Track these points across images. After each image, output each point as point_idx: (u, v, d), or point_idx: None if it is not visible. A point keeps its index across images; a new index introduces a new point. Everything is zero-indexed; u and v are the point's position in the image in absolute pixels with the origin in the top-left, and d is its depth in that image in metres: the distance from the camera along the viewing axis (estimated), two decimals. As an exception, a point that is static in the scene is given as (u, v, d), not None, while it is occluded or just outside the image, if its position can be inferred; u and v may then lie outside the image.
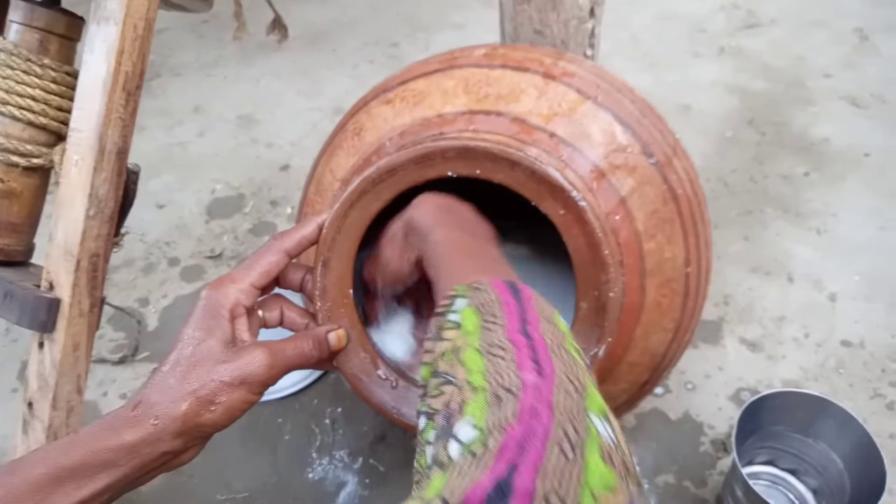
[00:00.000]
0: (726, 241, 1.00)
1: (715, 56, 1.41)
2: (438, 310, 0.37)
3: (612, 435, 0.28)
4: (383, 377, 0.53)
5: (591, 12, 0.72)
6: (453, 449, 0.27)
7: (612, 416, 0.30)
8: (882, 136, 1.17)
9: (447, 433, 0.29)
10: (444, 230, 0.45)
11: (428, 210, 0.47)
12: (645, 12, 1.57)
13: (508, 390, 0.28)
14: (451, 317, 0.36)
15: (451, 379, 0.32)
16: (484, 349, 0.32)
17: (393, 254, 0.48)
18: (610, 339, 0.49)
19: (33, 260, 0.67)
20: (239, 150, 1.24)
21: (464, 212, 0.48)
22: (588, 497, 0.24)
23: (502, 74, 0.57)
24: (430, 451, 0.29)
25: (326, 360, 0.50)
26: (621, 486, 0.26)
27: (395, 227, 0.48)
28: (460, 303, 0.36)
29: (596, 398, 0.30)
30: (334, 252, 0.50)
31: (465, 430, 0.28)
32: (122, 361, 0.86)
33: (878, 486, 0.58)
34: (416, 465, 0.31)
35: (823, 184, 1.09)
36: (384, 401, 0.53)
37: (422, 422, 0.32)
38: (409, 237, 0.47)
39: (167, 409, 0.40)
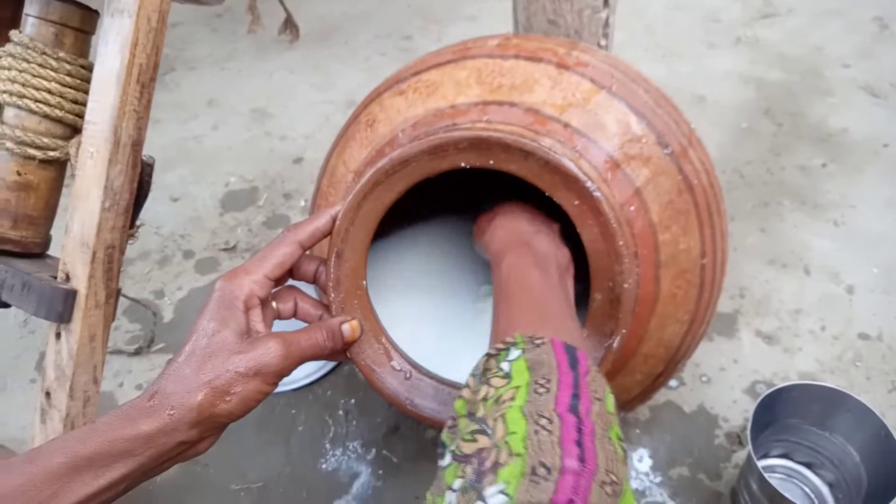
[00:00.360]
0: (742, 233, 0.99)
1: (731, 46, 1.39)
2: (491, 351, 0.37)
3: None
4: (397, 368, 0.53)
5: (606, 2, 0.71)
6: None
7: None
8: (901, 126, 1.15)
9: (476, 491, 0.28)
10: (513, 258, 0.47)
11: (505, 229, 0.49)
12: (660, 2, 1.55)
13: (547, 469, 0.28)
14: (503, 365, 0.35)
15: (487, 431, 0.31)
16: (529, 414, 0.31)
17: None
18: (624, 331, 0.49)
19: (50, 252, 0.68)
20: (252, 143, 1.24)
21: (542, 237, 0.50)
22: None
23: (516, 65, 0.56)
24: (451, 498, 0.29)
25: (340, 352, 0.50)
26: None
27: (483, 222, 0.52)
28: (514, 353, 0.36)
29: (629, 499, 0.30)
30: (348, 243, 0.50)
31: (496, 498, 0.28)
32: (137, 353, 0.87)
33: (896, 480, 0.58)
34: (428, 495, 0.31)
35: (841, 175, 1.07)
36: (397, 392, 0.53)
37: (446, 459, 0.32)
38: (484, 245, 0.50)
39: (183, 400, 0.40)
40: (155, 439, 0.40)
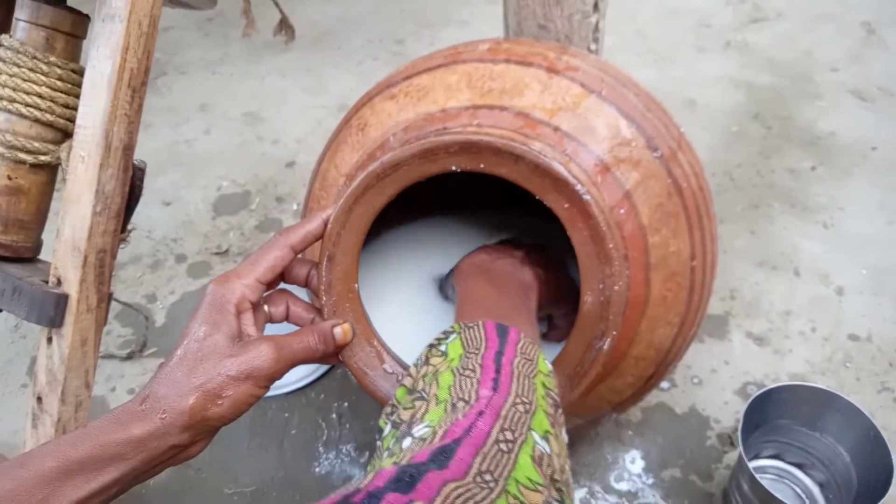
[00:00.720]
0: (732, 235, 0.99)
1: (721, 50, 1.40)
2: (432, 341, 0.42)
3: (548, 450, 0.32)
4: (389, 371, 0.53)
5: (595, 6, 0.72)
6: (406, 441, 0.31)
7: (555, 440, 0.34)
8: (889, 129, 1.17)
9: (405, 434, 0.32)
10: (471, 281, 0.52)
11: (471, 261, 0.55)
12: (650, 7, 1.56)
13: (465, 400, 0.33)
14: (441, 347, 0.40)
15: (423, 395, 0.35)
16: (457, 371, 0.36)
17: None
18: (615, 333, 0.49)
19: (41, 256, 0.68)
20: (245, 148, 1.24)
21: (501, 262, 0.54)
22: (513, 484, 0.29)
23: (506, 69, 0.57)
24: (386, 454, 0.32)
25: (332, 355, 0.50)
26: (542, 489, 0.30)
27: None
28: (452, 337, 0.40)
29: (543, 422, 0.34)
30: (339, 247, 0.50)
31: (419, 429, 0.31)
32: (129, 357, 0.87)
33: (886, 479, 0.58)
34: (368, 467, 0.34)
35: (830, 178, 1.08)
36: (390, 394, 0.53)
37: (386, 430, 0.35)
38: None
39: (174, 403, 0.40)
40: (146, 443, 0.39)
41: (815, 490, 0.70)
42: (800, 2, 1.53)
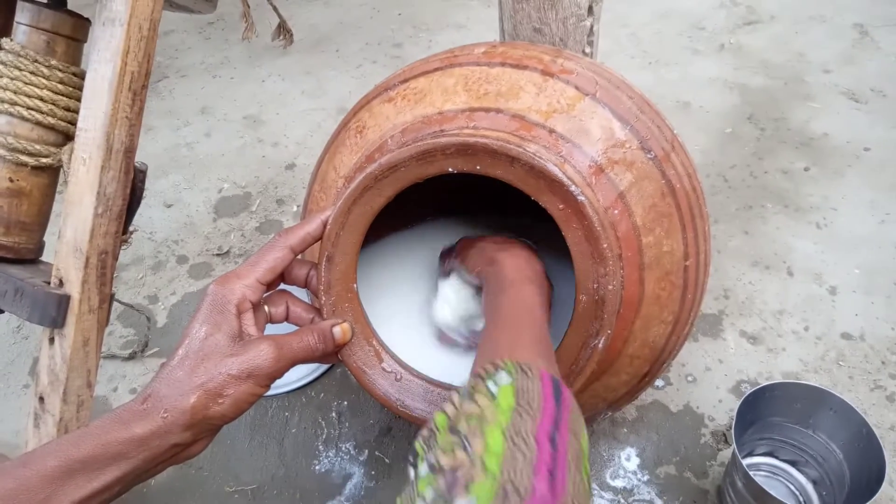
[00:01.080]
0: (726, 235, 1.00)
1: (714, 53, 1.42)
2: (479, 371, 0.38)
3: None
4: (387, 370, 0.54)
5: (590, 10, 0.73)
6: None
7: None
8: (881, 130, 1.18)
9: (446, 501, 0.30)
10: (521, 286, 0.50)
11: (516, 261, 0.52)
12: (644, 10, 1.57)
13: (517, 490, 0.29)
14: (490, 386, 0.36)
15: (466, 446, 0.32)
16: (509, 435, 0.32)
17: (470, 263, 0.56)
18: (609, 332, 0.50)
19: (42, 258, 0.68)
20: (245, 150, 1.25)
21: (538, 271, 0.53)
22: None
23: (502, 72, 0.57)
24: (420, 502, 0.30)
25: (332, 354, 0.51)
26: None
27: (489, 250, 0.55)
28: (503, 377, 0.37)
29: None
30: (338, 248, 0.51)
31: (464, 502, 0.29)
32: (131, 357, 0.87)
33: (878, 475, 0.59)
34: (398, 500, 0.32)
35: (823, 178, 1.09)
36: (388, 393, 0.53)
37: (423, 469, 0.33)
38: (487, 271, 0.53)
39: (176, 402, 0.41)
40: (148, 442, 0.40)
41: (809, 487, 0.71)
42: (792, 4, 1.54)
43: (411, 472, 0.34)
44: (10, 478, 0.37)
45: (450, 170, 0.49)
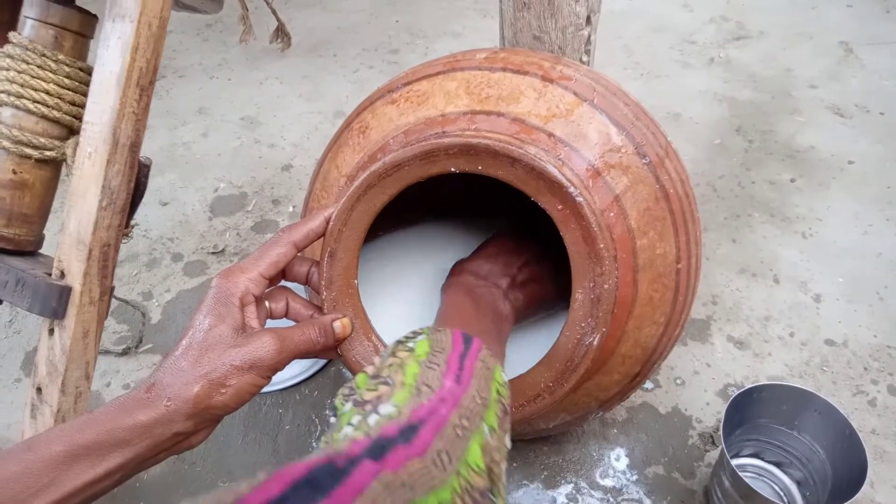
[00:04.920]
0: (715, 243, 1.03)
1: (705, 66, 1.45)
2: (400, 338, 0.44)
3: (492, 441, 0.36)
4: (386, 365, 0.55)
5: (588, 20, 0.75)
6: (372, 418, 0.34)
7: (497, 438, 0.38)
8: (865, 144, 1.21)
9: (371, 412, 0.34)
10: (455, 296, 0.56)
11: (460, 280, 0.58)
12: (638, 23, 1.61)
13: (429, 386, 0.36)
14: (409, 344, 0.42)
15: (388, 381, 0.38)
16: (423, 363, 0.38)
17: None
18: (604, 330, 0.51)
19: (41, 251, 0.69)
20: (242, 151, 1.26)
21: (487, 290, 0.58)
22: (464, 466, 0.33)
23: (503, 77, 0.59)
24: (348, 430, 0.34)
25: (331, 348, 0.52)
26: (484, 475, 0.34)
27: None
28: (420, 337, 0.43)
29: (492, 418, 0.37)
30: (341, 244, 0.52)
31: (386, 408, 0.34)
32: (125, 353, 0.87)
33: (859, 475, 0.60)
34: (324, 438, 0.36)
35: (809, 190, 1.12)
36: (386, 387, 0.54)
37: (346, 408, 0.37)
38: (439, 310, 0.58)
39: (180, 391, 0.41)
40: (152, 429, 0.40)
41: (794, 488, 0.73)
42: (781, 21, 1.58)
43: (332, 419, 0.38)
44: (15, 461, 0.37)
45: (452, 169, 0.51)
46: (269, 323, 0.48)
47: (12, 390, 0.85)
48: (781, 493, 0.73)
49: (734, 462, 0.73)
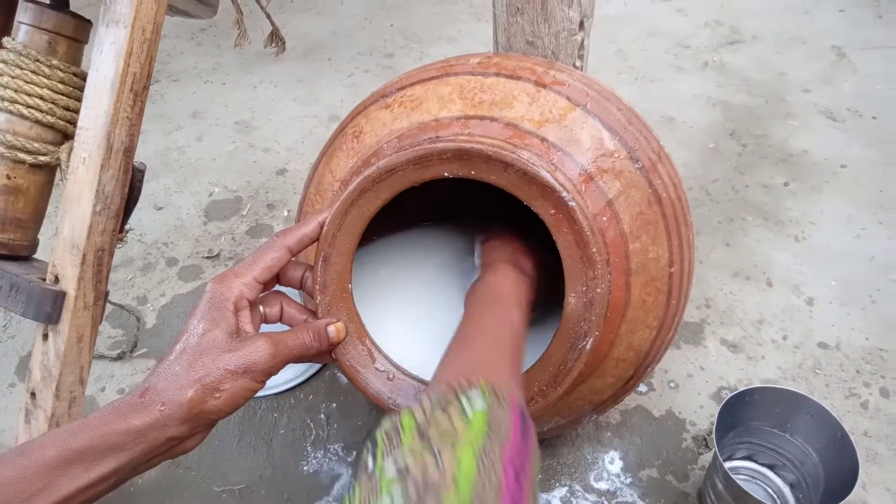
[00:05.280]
0: (708, 247, 1.03)
1: (699, 70, 1.46)
2: (454, 384, 0.39)
3: None
4: (380, 369, 0.55)
5: (581, 25, 0.76)
6: None
7: None
8: (858, 148, 1.22)
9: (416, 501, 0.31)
10: (507, 308, 0.52)
11: (511, 280, 0.55)
12: (632, 28, 1.62)
13: None
14: (464, 403, 0.37)
15: (438, 460, 0.33)
16: (480, 459, 0.33)
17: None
18: (597, 333, 0.51)
19: (35, 256, 0.69)
20: (236, 155, 1.26)
21: (528, 297, 0.55)
22: None
23: (496, 82, 0.59)
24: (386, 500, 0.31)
25: (325, 352, 0.52)
26: None
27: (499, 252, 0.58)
28: (477, 401, 0.37)
29: None
30: (335, 248, 0.52)
31: None
32: (120, 357, 0.87)
33: (851, 477, 0.61)
34: (356, 483, 0.33)
35: (802, 194, 1.13)
36: (380, 391, 0.55)
37: (389, 467, 0.33)
38: (488, 270, 0.56)
39: (174, 396, 0.41)
40: (146, 434, 0.40)
41: (787, 490, 0.73)
42: (774, 26, 1.59)
43: (370, 462, 0.34)
44: (9, 466, 0.37)
45: (446, 174, 0.51)
46: (264, 327, 0.48)
47: (6, 395, 0.85)
48: (774, 496, 0.73)
49: (727, 465, 0.74)
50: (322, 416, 0.81)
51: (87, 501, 0.39)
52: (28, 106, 0.62)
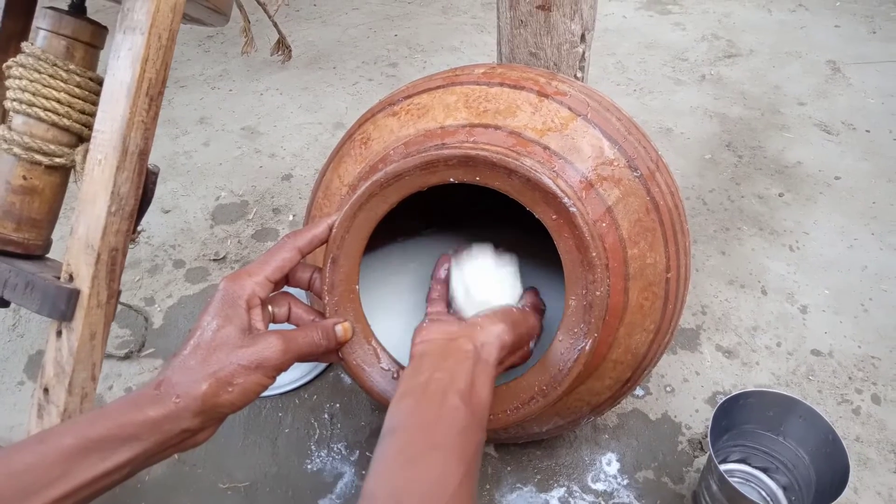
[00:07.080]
0: (704, 255, 1.05)
1: (696, 83, 1.48)
2: None
3: None
4: (385, 368, 0.57)
5: (582, 37, 0.78)
6: None
7: None
8: (851, 161, 1.24)
9: None
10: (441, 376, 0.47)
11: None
12: (631, 41, 1.64)
13: None
14: None
15: None
16: None
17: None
18: (596, 335, 0.53)
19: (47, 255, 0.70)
20: (243, 160, 1.28)
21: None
22: None
23: (500, 91, 0.61)
24: None
25: (333, 351, 0.53)
26: None
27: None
28: None
29: None
30: (343, 250, 0.54)
31: None
32: (127, 357, 0.89)
33: (842, 479, 0.62)
34: None
35: (796, 204, 1.15)
36: (385, 390, 0.56)
37: None
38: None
39: (188, 389, 0.43)
40: (161, 425, 0.42)
41: (780, 493, 0.75)
42: (770, 40, 1.62)
43: None
44: (28, 453, 0.39)
45: (451, 180, 0.53)
46: (271, 326, 0.50)
47: (15, 393, 0.86)
48: (767, 498, 0.75)
49: (722, 467, 0.75)
50: (326, 415, 0.83)
51: (101, 490, 0.41)
52: (45, 109, 0.64)
